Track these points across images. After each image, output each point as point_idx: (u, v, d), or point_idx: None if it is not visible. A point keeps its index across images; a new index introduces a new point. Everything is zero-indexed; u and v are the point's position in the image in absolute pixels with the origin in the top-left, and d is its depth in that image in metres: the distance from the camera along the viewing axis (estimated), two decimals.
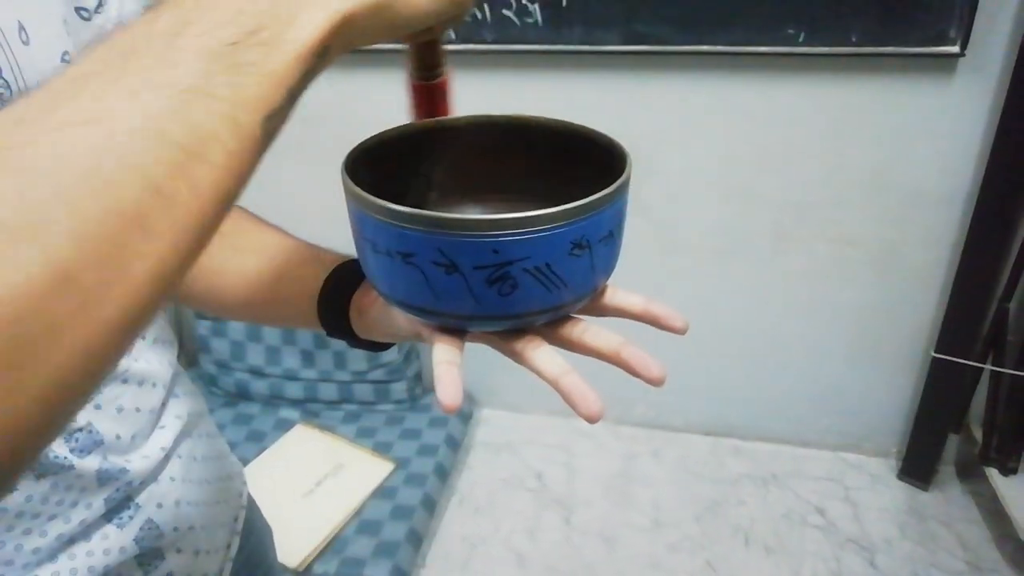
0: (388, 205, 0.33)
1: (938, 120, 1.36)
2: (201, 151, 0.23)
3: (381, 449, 1.65)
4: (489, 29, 1.39)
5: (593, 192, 0.34)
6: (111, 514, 0.46)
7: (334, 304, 0.46)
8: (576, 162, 0.41)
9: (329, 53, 0.27)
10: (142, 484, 0.48)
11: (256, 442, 1.68)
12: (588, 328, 0.38)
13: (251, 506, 0.65)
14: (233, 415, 1.77)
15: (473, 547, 1.56)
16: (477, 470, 1.75)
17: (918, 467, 1.64)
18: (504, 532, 1.59)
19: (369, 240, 0.35)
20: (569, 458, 1.77)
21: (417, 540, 1.46)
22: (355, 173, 0.36)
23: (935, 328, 1.52)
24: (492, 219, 0.31)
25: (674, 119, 1.47)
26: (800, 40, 1.29)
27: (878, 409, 1.69)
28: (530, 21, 1.37)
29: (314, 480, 1.55)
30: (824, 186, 1.48)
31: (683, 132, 1.48)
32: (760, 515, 1.60)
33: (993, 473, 1.50)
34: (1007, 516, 1.45)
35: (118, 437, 0.46)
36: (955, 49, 1.25)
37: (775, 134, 1.45)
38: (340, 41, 0.27)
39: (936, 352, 1.50)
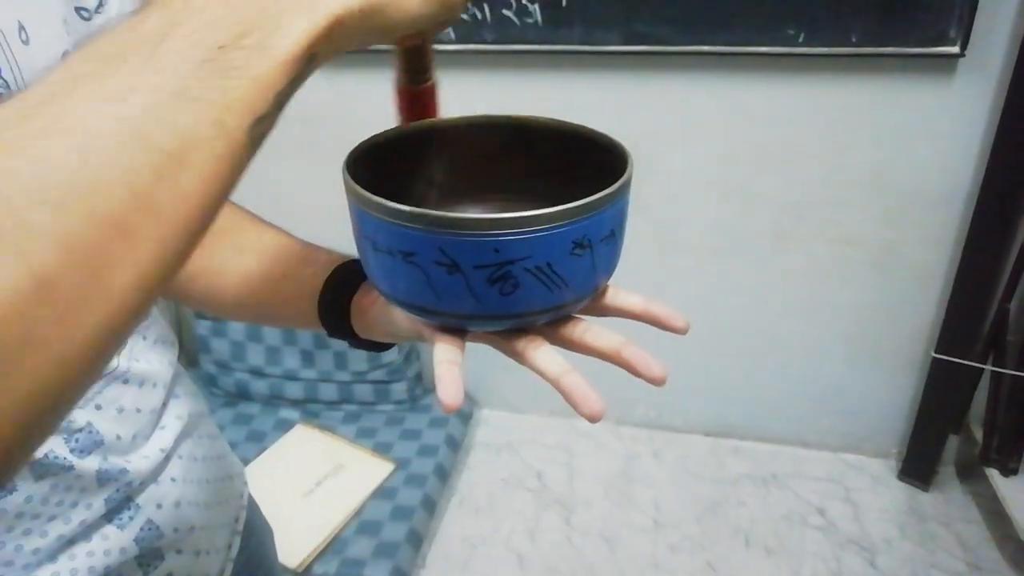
0: (389, 204, 0.33)
1: (938, 120, 1.36)
2: (187, 157, 0.23)
3: (381, 449, 1.65)
4: (489, 29, 1.39)
5: (594, 192, 0.33)
6: (111, 515, 0.46)
7: (335, 304, 0.46)
8: (577, 162, 0.41)
9: (318, 57, 0.27)
10: (142, 485, 0.48)
11: (256, 442, 1.68)
12: (589, 328, 0.38)
13: (252, 506, 0.65)
14: (233, 415, 1.77)
15: (473, 547, 1.56)
16: (477, 470, 1.75)
17: (918, 468, 1.64)
18: (504, 532, 1.59)
19: (370, 239, 0.35)
20: (569, 458, 1.77)
21: (417, 541, 1.46)
22: (356, 173, 0.36)
23: (935, 328, 1.52)
24: (493, 218, 0.31)
25: (674, 119, 1.47)
26: (800, 40, 1.29)
27: (878, 409, 1.69)
28: (530, 21, 1.37)
29: (314, 480, 1.55)
30: (824, 186, 1.47)
31: (683, 132, 1.48)
32: (760, 515, 1.60)
33: (993, 474, 1.50)
34: (1007, 517, 1.45)
35: (118, 437, 0.46)
36: (955, 49, 1.25)
37: (775, 134, 1.45)
38: (329, 45, 0.27)
39: (936, 352, 1.50)
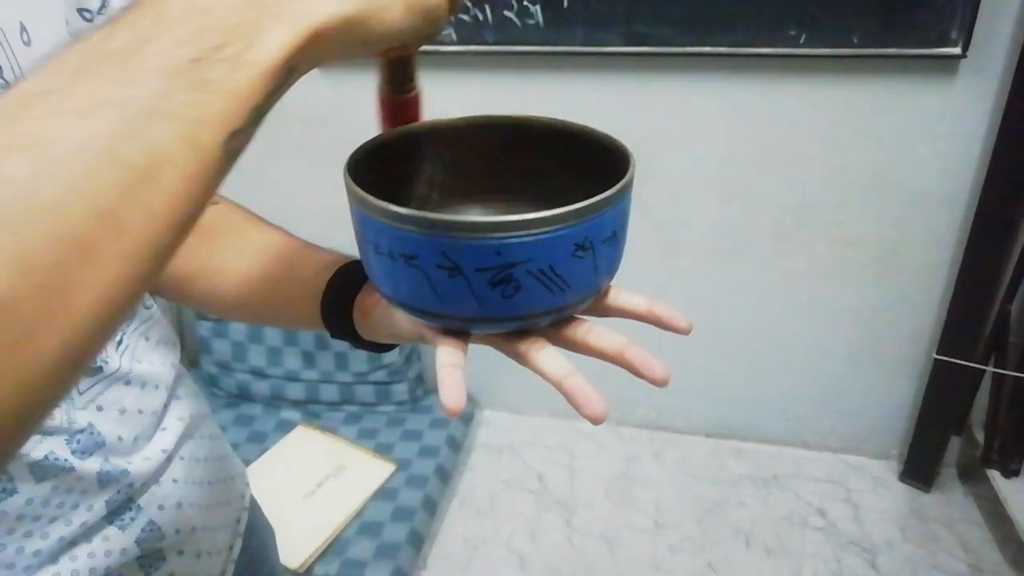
0: (390, 207, 0.32)
1: (939, 121, 1.36)
2: (156, 173, 0.22)
3: (382, 450, 1.64)
4: (490, 30, 1.39)
5: (596, 193, 0.33)
6: (112, 516, 0.46)
7: (337, 305, 0.46)
8: (578, 162, 0.41)
9: (297, 70, 0.26)
10: (144, 486, 0.48)
11: (257, 443, 1.68)
12: (592, 329, 0.37)
13: (253, 507, 0.65)
14: (234, 416, 1.77)
15: (474, 548, 1.56)
16: (478, 471, 1.75)
17: (920, 469, 1.64)
18: (505, 533, 1.59)
19: (372, 242, 0.35)
20: (570, 459, 1.77)
21: (418, 541, 1.46)
22: (357, 175, 0.36)
23: (937, 330, 1.52)
24: (495, 221, 0.31)
25: (675, 120, 1.47)
26: (801, 41, 1.29)
27: (879, 411, 1.69)
28: (531, 22, 1.37)
29: (315, 481, 1.55)
30: (825, 187, 1.47)
31: (684, 133, 1.48)
32: (761, 516, 1.60)
33: (995, 475, 1.50)
34: (1009, 518, 1.44)
35: (120, 439, 0.46)
36: (956, 50, 1.25)
37: (776, 135, 1.44)
38: (309, 58, 0.26)
39: (938, 354, 1.50)
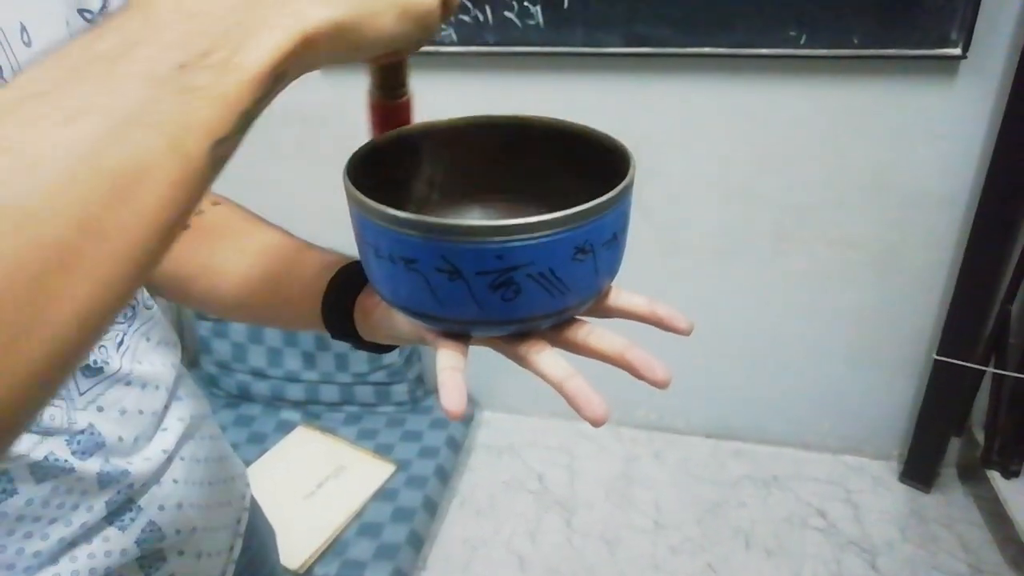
0: (390, 211, 0.32)
1: (940, 122, 1.36)
2: (140, 180, 0.21)
3: (382, 451, 1.64)
4: (491, 31, 1.39)
5: (596, 193, 0.33)
6: (112, 516, 0.46)
7: (338, 306, 0.46)
8: (579, 163, 0.41)
9: (286, 76, 0.26)
10: (144, 486, 0.48)
11: (257, 444, 1.68)
12: (592, 330, 0.37)
13: (254, 508, 0.65)
14: (234, 417, 1.77)
15: (474, 549, 1.56)
16: (478, 472, 1.75)
17: (920, 470, 1.64)
18: (505, 534, 1.59)
19: (371, 245, 0.35)
20: (570, 460, 1.77)
21: (418, 542, 1.46)
22: (357, 176, 0.36)
23: (937, 330, 1.52)
24: (495, 225, 0.31)
25: (675, 121, 1.47)
26: (801, 42, 1.29)
27: (879, 411, 1.69)
28: (531, 23, 1.37)
29: (315, 482, 1.55)
30: (825, 188, 1.47)
31: (684, 134, 1.48)
32: (761, 517, 1.60)
33: (995, 476, 1.50)
34: (1009, 519, 1.44)
35: (120, 439, 0.46)
36: (957, 51, 1.24)
37: (776, 136, 1.45)
38: (299, 64, 0.26)
39: (938, 354, 1.50)
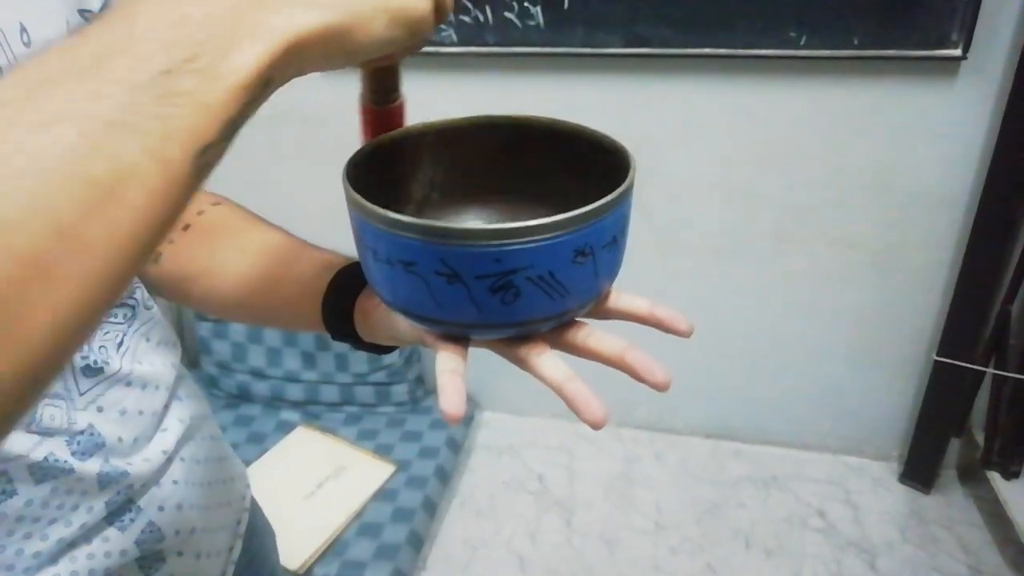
0: (389, 214, 0.32)
1: (940, 122, 1.36)
2: (120, 189, 0.21)
3: (382, 451, 1.64)
4: (491, 31, 1.39)
5: (596, 193, 0.33)
6: (112, 517, 0.46)
7: (338, 307, 0.46)
8: (579, 163, 0.41)
9: (274, 82, 0.26)
10: (143, 487, 0.47)
11: (257, 444, 1.68)
12: (592, 332, 0.37)
13: (254, 509, 0.65)
14: (234, 417, 1.77)
15: (474, 549, 1.56)
16: (478, 472, 1.75)
17: (919, 470, 1.64)
18: (505, 534, 1.59)
19: (370, 248, 0.35)
20: (570, 460, 1.77)
21: (418, 542, 1.46)
22: (357, 178, 0.36)
23: (937, 331, 1.52)
24: (494, 228, 0.31)
25: (676, 121, 1.47)
26: (802, 43, 1.29)
27: (879, 412, 1.69)
28: (532, 23, 1.37)
29: (315, 482, 1.55)
30: (825, 188, 1.47)
31: (684, 134, 1.48)
32: (761, 518, 1.60)
33: (995, 477, 1.50)
34: (1009, 520, 1.44)
35: (120, 440, 0.45)
36: (957, 52, 1.24)
37: (776, 136, 1.44)
38: (287, 70, 0.26)
39: (938, 355, 1.50)
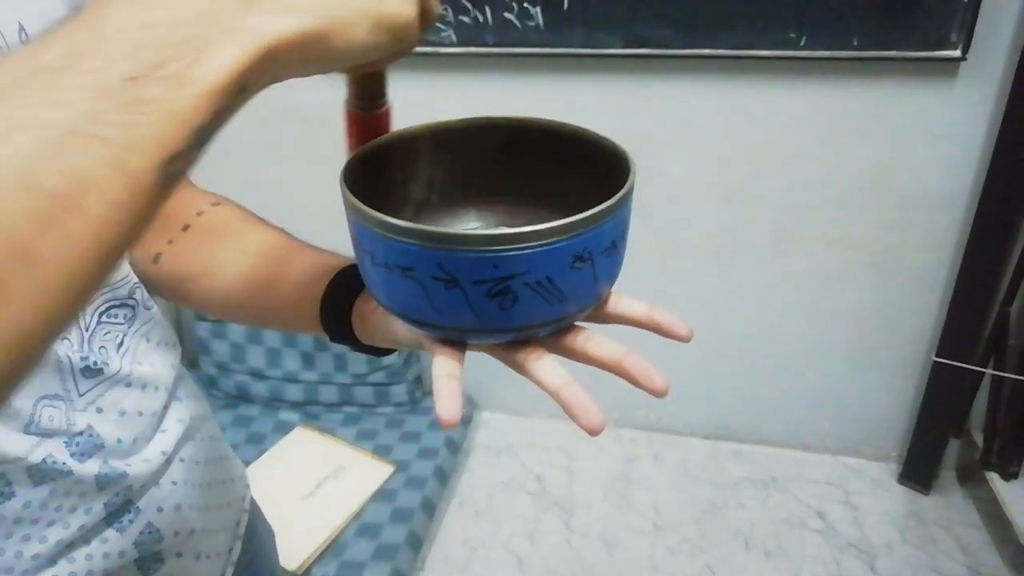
0: (387, 219, 0.32)
1: (939, 123, 1.36)
2: (78, 202, 0.20)
3: (381, 452, 1.64)
4: (490, 32, 1.39)
5: (597, 194, 0.33)
6: (111, 518, 0.45)
7: (335, 309, 0.46)
8: (578, 165, 0.41)
9: (249, 88, 0.25)
10: (143, 488, 0.47)
11: (256, 444, 1.68)
12: (591, 337, 0.37)
13: (254, 510, 0.64)
14: (233, 417, 1.77)
15: (473, 550, 1.56)
16: (477, 473, 1.75)
17: (919, 471, 1.64)
18: (504, 535, 1.59)
19: (368, 252, 0.34)
20: (569, 461, 1.77)
21: (417, 543, 1.46)
22: (355, 180, 0.36)
23: (936, 332, 1.52)
24: (492, 234, 0.31)
25: (675, 122, 1.47)
26: (801, 44, 1.29)
27: (879, 413, 1.69)
28: (531, 24, 1.37)
29: (314, 483, 1.55)
30: (825, 189, 1.47)
31: (684, 135, 1.48)
32: (760, 519, 1.60)
33: (994, 477, 1.50)
34: (1008, 521, 1.44)
35: (119, 441, 0.45)
36: (956, 53, 1.25)
37: (776, 137, 1.44)
38: (263, 75, 0.25)
39: (937, 356, 1.50)
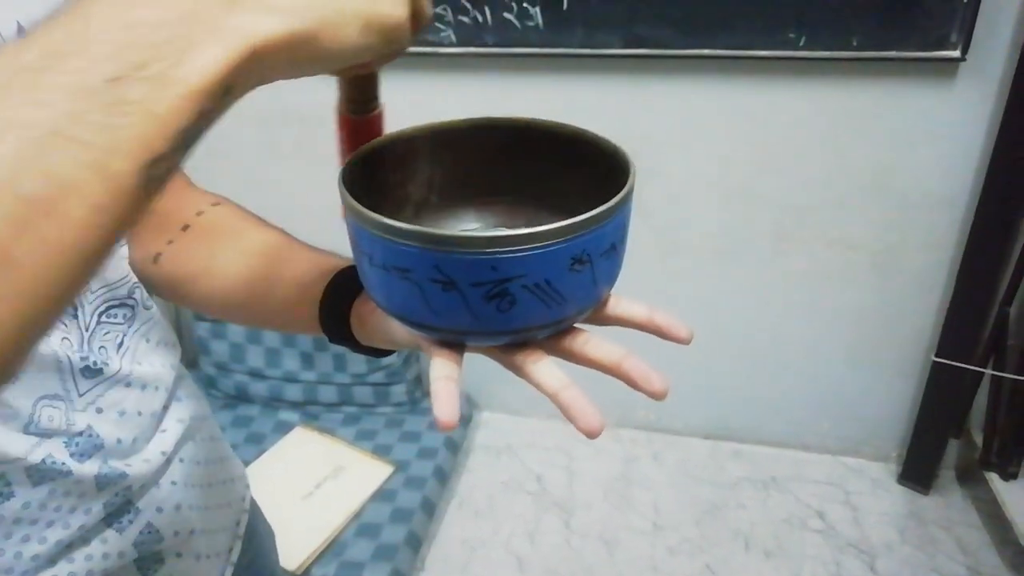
0: (385, 220, 0.32)
1: (939, 124, 1.36)
2: (56, 205, 0.20)
3: (381, 452, 1.64)
4: (490, 32, 1.39)
5: (597, 194, 0.33)
6: (111, 518, 0.45)
7: (334, 311, 0.46)
8: (578, 165, 0.41)
9: (236, 89, 0.24)
10: (142, 488, 0.47)
11: (255, 444, 1.68)
12: (589, 339, 0.37)
13: (254, 510, 0.64)
14: (232, 417, 1.77)
15: (473, 550, 1.56)
16: (477, 473, 1.75)
17: (918, 471, 1.64)
18: (504, 535, 1.59)
19: (366, 253, 0.34)
20: (569, 461, 1.77)
21: (416, 543, 1.46)
22: (354, 180, 0.36)
23: (936, 332, 1.52)
24: (490, 236, 0.31)
25: (675, 122, 1.47)
26: (801, 44, 1.29)
27: (878, 413, 1.69)
28: (531, 24, 1.37)
29: (313, 483, 1.55)
30: (825, 189, 1.47)
31: (684, 135, 1.48)
32: (760, 519, 1.60)
33: (994, 478, 1.50)
34: (1007, 521, 1.44)
35: (119, 441, 0.45)
36: (956, 53, 1.25)
37: (776, 137, 1.44)
38: (250, 77, 0.25)
39: (937, 356, 1.50)
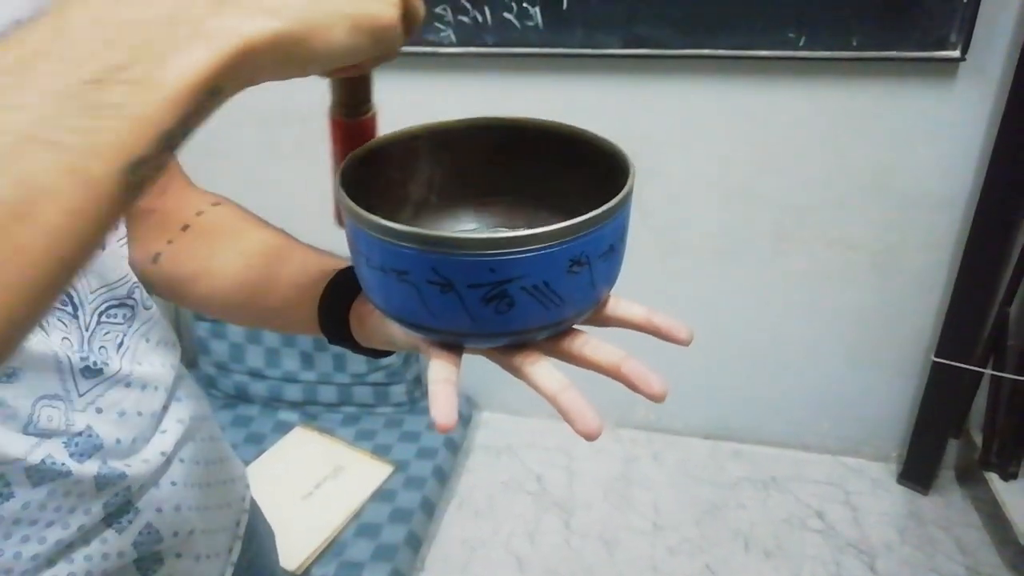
0: (382, 222, 0.32)
1: (939, 124, 1.36)
2: (30, 210, 0.20)
3: (380, 452, 1.64)
4: (490, 32, 1.39)
5: (596, 194, 0.33)
6: (110, 519, 0.45)
7: (333, 312, 0.46)
8: (578, 165, 0.41)
9: (223, 91, 0.24)
10: (142, 488, 0.47)
11: (255, 444, 1.68)
12: (588, 341, 0.37)
13: (254, 510, 0.64)
14: (232, 417, 1.77)
15: (472, 550, 1.56)
16: (477, 473, 1.75)
17: (918, 471, 1.64)
18: (504, 535, 1.59)
19: (364, 255, 0.34)
20: (569, 461, 1.77)
21: (416, 543, 1.46)
22: (353, 181, 0.36)
23: (935, 332, 1.52)
24: (487, 238, 0.31)
25: (675, 122, 1.47)
26: (801, 44, 1.29)
27: (878, 413, 1.69)
28: (531, 24, 1.37)
29: (313, 483, 1.55)
30: (825, 189, 1.47)
31: (684, 135, 1.48)
32: (760, 519, 1.60)
33: (993, 478, 1.50)
34: (1007, 521, 1.44)
35: (118, 441, 0.45)
36: (956, 53, 1.25)
37: (776, 137, 1.44)
38: (237, 78, 0.24)
39: (936, 356, 1.50)
